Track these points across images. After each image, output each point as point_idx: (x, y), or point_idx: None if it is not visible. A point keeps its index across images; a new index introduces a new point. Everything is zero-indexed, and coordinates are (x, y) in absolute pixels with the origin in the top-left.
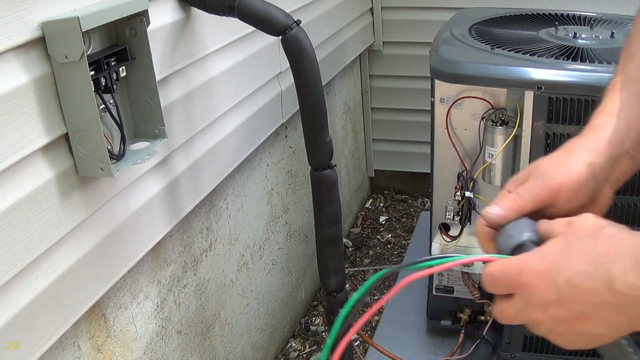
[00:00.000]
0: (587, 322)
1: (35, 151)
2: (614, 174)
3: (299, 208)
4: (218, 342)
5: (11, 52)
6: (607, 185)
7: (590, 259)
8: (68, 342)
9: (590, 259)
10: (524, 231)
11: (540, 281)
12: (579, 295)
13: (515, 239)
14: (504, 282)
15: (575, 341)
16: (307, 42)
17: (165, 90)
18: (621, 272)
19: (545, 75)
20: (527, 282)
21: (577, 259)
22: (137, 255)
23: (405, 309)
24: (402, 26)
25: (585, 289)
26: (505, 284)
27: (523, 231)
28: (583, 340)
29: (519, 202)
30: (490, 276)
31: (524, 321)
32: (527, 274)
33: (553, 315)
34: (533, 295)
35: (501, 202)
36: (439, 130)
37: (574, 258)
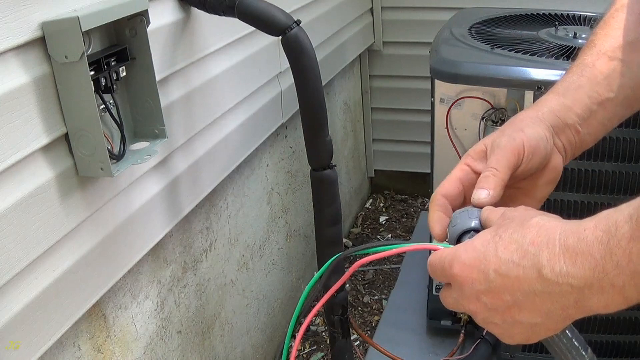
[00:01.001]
0: (520, 311)
1: (35, 151)
2: (560, 141)
3: (299, 208)
4: (218, 342)
5: (11, 52)
6: (555, 151)
7: (517, 248)
8: (68, 342)
9: (518, 247)
10: (467, 220)
11: (470, 272)
12: (508, 284)
13: (458, 228)
14: (439, 272)
15: (514, 333)
16: (307, 42)
17: (165, 90)
18: (549, 260)
19: (545, 75)
20: (457, 273)
21: (505, 248)
22: (137, 255)
23: (405, 309)
24: (402, 26)
25: (513, 277)
26: (441, 274)
27: (466, 220)
28: (521, 331)
29: (499, 175)
30: (430, 265)
31: (462, 310)
32: (457, 265)
33: (486, 305)
34: (464, 286)
35: (486, 184)
36: (439, 130)
37: (502, 247)
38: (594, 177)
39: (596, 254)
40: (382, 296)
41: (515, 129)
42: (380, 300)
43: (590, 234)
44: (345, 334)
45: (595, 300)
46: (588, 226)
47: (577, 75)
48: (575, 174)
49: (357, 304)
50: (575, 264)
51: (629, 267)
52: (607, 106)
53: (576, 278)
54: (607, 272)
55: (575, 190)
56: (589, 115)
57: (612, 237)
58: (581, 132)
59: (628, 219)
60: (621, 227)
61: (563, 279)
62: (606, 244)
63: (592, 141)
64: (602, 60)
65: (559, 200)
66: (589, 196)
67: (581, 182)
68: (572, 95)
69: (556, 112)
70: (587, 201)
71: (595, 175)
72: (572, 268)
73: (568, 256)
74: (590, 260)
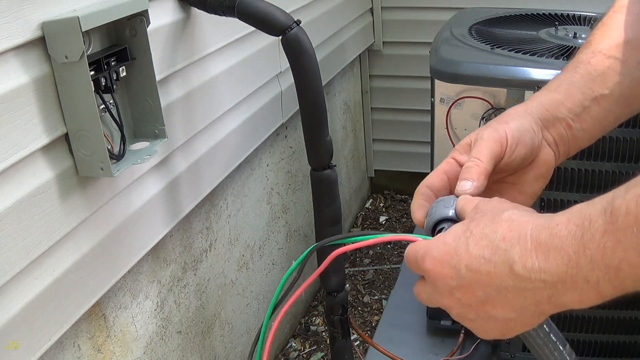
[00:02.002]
0: (494, 307)
1: (35, 151)
2: (550, 135)
3: (299, 208)
4: (218, 342)
5: (11, 52)
6: (545, 145)
7: (488, 243)
8: (68, 342)
9: (489, 243)
10: (443, 209)
11: (442, 267)
12: (479, 280)
13: (434, 217)
14: (414, 265)
15: (489, 328)
16: (307, 42)
17: (165, 90)
18: (521, 256)
19: (545, 75)
20: (429, 268)
21: (476, 243)
22: (137, 255)
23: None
24: (402, 26)
25: (485, 273)
26: (415, 267)
27: (442, 209)
28: (495, 326)
29: (482, 165)
30: (405, 257)
31: (435, 305)
32: (429, 260)
33: (460, 300)
34: (437, 282)
35: (469, 175)
36: (439, 130)
37: (473, 243)
38: (594, 177)
39: (569, 249)
40: (382, 296)
41: (499, 122)
42: (380, 300)
43: (564, 228)
44: (345, 334)
45: (569, 296)
46: (561, 221)
47: (570, 72)
48: (575, 174)
49: (357, 304)
50: (548, 260)
51: (603, 262)
52: (602, 103)
53: (549, 274)
54: (580, 267)
55: (575, 190)
56: (582, 110)
57: (586, 231)
58: (573, 127)
59: (602, 213)
60: (595, 221)
61: (535, 275)
62: (580, 239)
63: (587, 139)
64: (598, 58)
65: (559, 200)
66: (588, 196)
67: (581, 182)
68: (564, 91)
69: (546, 106)
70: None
71: (595, 175)
72: (545, 264)
73: (540, 252)
74: (563, 256)
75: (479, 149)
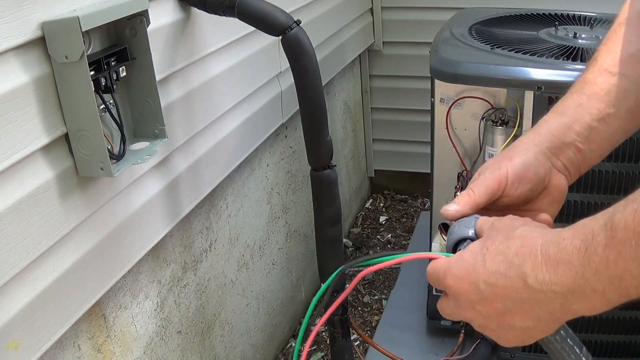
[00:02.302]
0: (513, 317)
1: (35, 151)
2: (559, 161)
3: (299, 208)
4: (218, 342)
5: (11, 52)
6: (556, 172)
7: (503, 259)
8: (68, 342)
9: (504, 259)
10: (463, 229)
11: (462, 284)
12: (497, 294)
13: (455, 237)
14: (436, 282)
15: (510, 336)
16: (307, 42)
17: (165, 90)
18: (532, 270)
19: (545, 75)
20: (451, 284)
21: (492, 259)
22: (137, 255)
23: (405, 309)
24: (402, 26)
25: (502, 287)
26: (437, 284)
27: (462, 229)
28: (516, 334)
29: (472, 196)
30: (428, 275)
31: (458, 319)
32: (449, 277)
33: (481, 313)
34: (458, 297)
35: (457, 200)
36: (439, 130)
37: (489, 259)
38: (594, 177)
39: (576, 262)
40: (382, 296)
41: (505, 157)
42: (380, 300)
43: (569, 243)
44: (345, 334)
45: (579, 304)
46: (567, 236)
47: (577, 93)
48: None
49: (357, 304)
50: (557, 272)
51: (607, 273)
52: (609, 121)
53: (559, 285)
54: (587, 279)
55: (575, 190)
56: (590, 132)
57: (589, 245)
58: (582, 150)
59: (603, 227)
60: (597, 236)
61: (547, 287)
62: (584, 252)
63: (597, 158)
64: (603, 77)
65: None
66: (588, 196)
67: (581, 182)
68: (572, 114)
69: (554, 132)
70: (587, 201)
71: (595, 175)
72: (555, 276)
73: (550, 265)
74: (570, 268)
75: (477, 183)
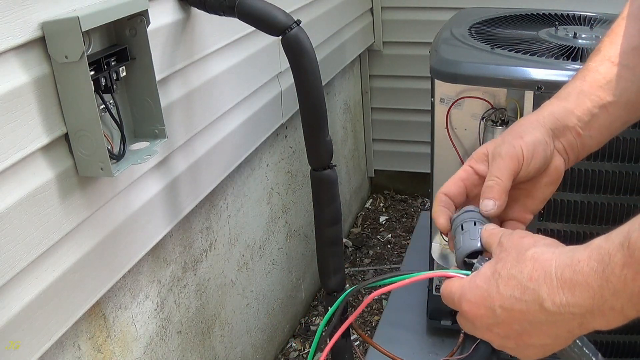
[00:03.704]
0: (530, 337)
1: (35, 151)
2: (560, 143)
3: (299, 208)
4: (218, 342)
5: (11, 52)
6: (556, 154)
7: (517, 284)
8: (68, 342)
9: (517, 283)
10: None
11: (478, 309)
12: (514, 317)
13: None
14: (451, 304)
15: (529, 353)
16: (307, 42)
17: (165, 90)
18: (549, 294)
19: (545, 75)
20: (466, 309)
21: (505, 284)
22: (137, 255)
23: (406, 309)
24: (402, 26)
25: (518, 311)
26: (452, 305)
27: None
28: (535, 351)
29: (502, 184)
30: (442, 296)
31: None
32: (465, 302)
33: (499, 334)
34: (475, 321)
35: (491, 194)
36: (439, 130)
37: (502, 284)
38: (594, 177)
39: (593, 284)
40: (382, 296)
41: (514, 136)
42: (380, 300)
43: (585, 265)
44: (345, 334)
45: (597, 322)
46: (582, 257)
47: (580, 80)
48: (575, 174)
49: (357, 304)
50: (575, 295)
51: (626, 291)
52: (609, 109)
53: (577, 307)
54: (605, 299)
55: (575, 190)
56: (591, 118)
57: (607, 266)
58: (582, 135)
59: (620, 247)
60: (614, 256)
61: (565, 309)
62: (601, 273)
63: (596, 145)
64: (606, 65)
65: (559, 200)
66: (588, 196)
67: (581, 182)
68: (574, 99)
69: (557, 115)
70: (587, 201)
71: (595, 175)
72: (572, 298)
73: (567, 288)
74: (588, 290)
75: (498, 167)
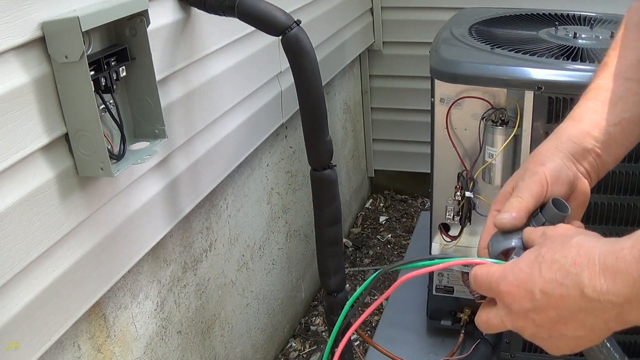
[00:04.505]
0: (566, 326)
1: (35, 151)
2: (582, 166)
3: (299, 208)
4: (218, 342)
5: (11, 52)
6: (580, 177)
7: (559, 268)
8: (68, 342)
9: (560, 267)
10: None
11: (518, 291)
12: (553, 303)
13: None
14: (486, 286)
15: (560, 345)
16: (307, 42)
17: (165, 90)
18: (590, 279)
19: (545, 75)
20: (505, 291)
21: (549, 268)
22: (137, 255)
23: (405, 309)
24: (402, 26)
25: (558, 296)
26: (487, 289)
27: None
28: (566, 343)
29: (523, 202)
30: (475, 277)
31: (507, 329)
32: (505, 284)
33: (534, 321)
34: (512, 304)
35: (509, 207)
36: (439, 130)
37: (545, 267)
38: None
39: (634, 272)
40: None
41: (536, 164)
42: None
43: (628, 253)
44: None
45: (634, 314)
46: (625, 246)
47: (592, 100)
48: None
49: (357, 303)
50: (615, 282)
51: None
52: (625, 126)
53: (616, 295)
54: None
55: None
56: (608, 137)
57: None
58: (602, 155)
59: None
60: None
61: (604, 297)
62: None
63: (614, 162)
64: (617, 82)
65: None
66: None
67: None
68: (589, 121)
69: (574, 139)
70: None
71: None
72: (613, 286)
73: (608, 275)
74: (628, 279)
75: (521, 189)
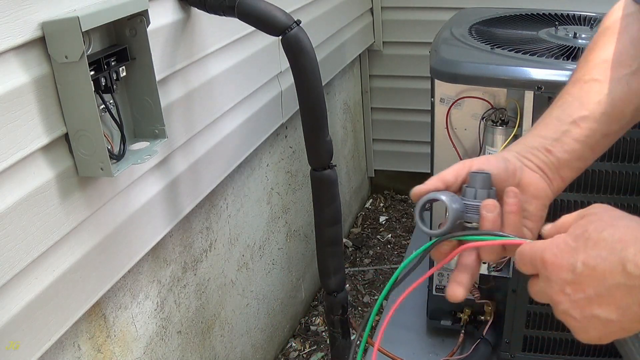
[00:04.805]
0: (600, 305)
1: (35, 151)
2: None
3: (299, 208)
4: (218, 342)
5: (11, 52)
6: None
7: (606, 244)
8: (68, 342)
9: (607, 244)
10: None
11: (560, 261)
12: (593, 276)
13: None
14: (530, 261)
15: (589, 329)
16: (307, 42)
17: (165, 90)
18: (634, 255)
19: (545, 75)
20: (548, 259)
21: (595, 244)
22: (137, 255)
23: (406, 309)
24: (402, 26)
25: (600, 271)
26: (530, 263)
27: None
28: (597, 327)
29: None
30: (520, 254)
31: (545, 300)
32: (549, 253)
33: (570, 296)
34: (552, 275)
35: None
36: (439, 130)
37: (592, 243)
38: (593, 177)
39: None
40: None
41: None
42: None
43: None
44: (345, 334)
45: None
46: None
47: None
48: None
49: (357, 304)
50: None
51: None
52: (582, 124)
53: None
54: None
55: (575, 190)
56: (561, 134)
57: None
58: (554, 151)
59: None
60: None
61: None
62: None
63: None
64: (577, 86)
65: (559, 201)
66: (588, 196)
67: (581, 182)
68: (541, 123)
69: (522, 140)
70: (587, 201)
71: (595, 175)
72: None
73: None
74: None
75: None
